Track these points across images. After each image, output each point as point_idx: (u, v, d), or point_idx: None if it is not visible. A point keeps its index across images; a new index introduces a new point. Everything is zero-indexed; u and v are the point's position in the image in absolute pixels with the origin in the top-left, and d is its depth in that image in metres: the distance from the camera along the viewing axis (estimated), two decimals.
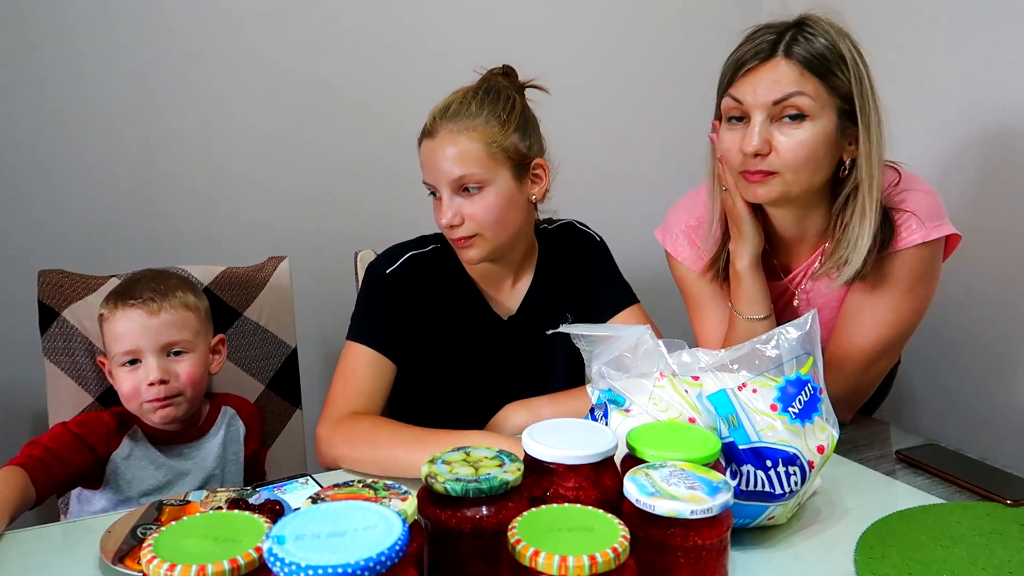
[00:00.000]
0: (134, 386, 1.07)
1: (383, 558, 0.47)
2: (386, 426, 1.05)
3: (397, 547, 0.48)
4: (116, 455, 1.07)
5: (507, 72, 1.20)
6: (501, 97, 1.14)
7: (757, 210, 1.13)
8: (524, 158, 1.15)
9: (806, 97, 1.02)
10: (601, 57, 1.92)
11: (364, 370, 1.13)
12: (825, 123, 1.03)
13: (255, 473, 1.20)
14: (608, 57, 1.93)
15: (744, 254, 1.14)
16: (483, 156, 1.10)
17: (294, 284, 1.38)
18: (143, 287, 1.10)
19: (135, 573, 0.75)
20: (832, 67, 1.03)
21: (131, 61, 1.49)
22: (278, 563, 0.46)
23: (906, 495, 0.94)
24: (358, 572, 0.46)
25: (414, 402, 1.20)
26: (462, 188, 1.11)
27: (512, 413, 1.14)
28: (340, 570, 0.45)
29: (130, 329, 1.07)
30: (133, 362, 1.08)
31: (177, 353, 1.10)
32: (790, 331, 0.86)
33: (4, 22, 1.39)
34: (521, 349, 1.24)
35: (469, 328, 1.22)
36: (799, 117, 1.03)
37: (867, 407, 1.28)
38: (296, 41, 1.61)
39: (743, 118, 1.06)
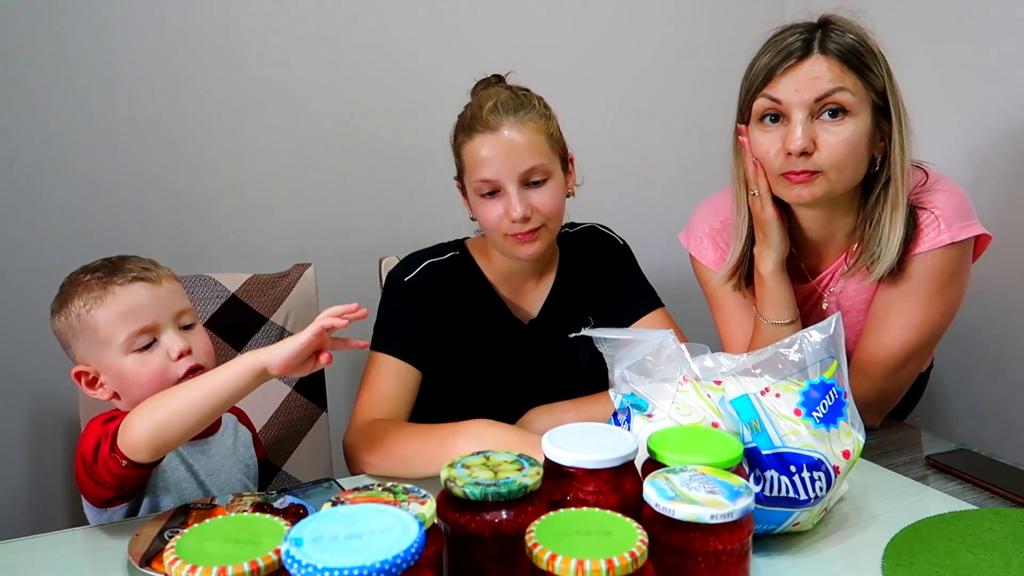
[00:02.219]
0: (158, 368, 0.95)
1: (399, 560, 0.47)
2: (399, 426, 1.06)
3: (413, 549, 0.48)
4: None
5: (499, 78, 1.21)
6: (534, 94, 1.16)
7: (784, 214, 1.12)
8: (565, 150, 1.18)
9: (848, 93, 1.02)
10: (622, 61, 1.92)
11: (388, 378, 1.14)
12: (864, 119, 1.03)
13: (267, 479, 1.20)
14: (629, 61, 1.93)
15: (769, 259, 1.13)
16: (546, 147, 1.12)
17: (319, 290, 1.39)
18: (129, 264, 0.99)
19: (161, 575, 0.76)
20: (867, 61, 1.03)
21: (158, 72, 1.52)
22: (295, 565, 0.47)
23: (936, 501, 0.93)
24: (373, 574, 0.46)
25: (438, 408, 1.21)
26: (529, 180, 1.11)
27: (536, 418, 1.14)
28: (356, 572, 0.46)
29: (140, 303, 0.95)
30: (147, 346, 0.96)
31: (187, 327, 1.00)
32: (813, 335, 0.85)
33: (36, 38, 1.43)
34: (542, 353, 1.24)
35: (489, 333, 1.22)
36: (840, 113, 1.02)
37: (899, 412, 1.26)
38: (321, 51, 1.63)
39: (779, 118, 1.05)
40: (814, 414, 0.81)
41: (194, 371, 0.97)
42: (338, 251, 1.66)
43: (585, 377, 1.23)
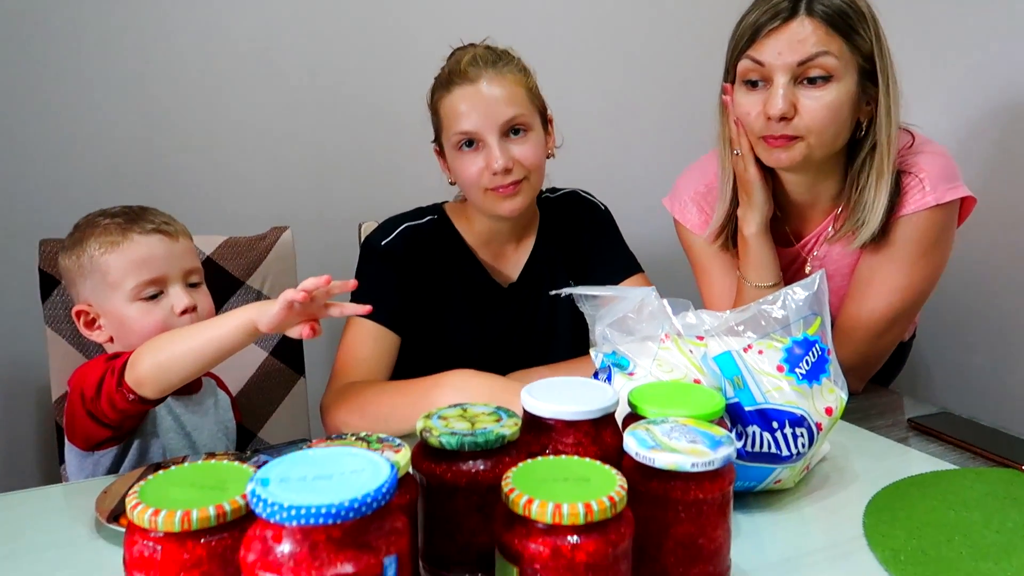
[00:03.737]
0: (160, 320, 0.98)
1: (369, 499, 0.45)
2: (377, 384, 1.06)
3: (384, 489, 0.46)
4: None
5: (475, 46, 1.17)
6: (512, 53, 1.15)
7: (768, 175, 1.11)
8: (544, 108, 1.16)
9: (831, 57, 1.00)
10: (605, 23, 1.89)
11: (366, 343, 1.12)
12: (848, 83, 1.02)
13: (243, 444, 1.19)
14: (612, 23, 1.89)
15: (752, 220, 1.12)
16: (526, 100, 1.11)
17: (297, 256, 1.37)
18: (150, 215, 1.02)
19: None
20: (854, 24, 1.01)
21: (133, 32, 1.47)
22: (260, 503, 0.45)
23: (918, 461, 0.92)
24: (342, 512, 0.44)
25: (416, 373, 1.19)
26: (509, 131, 1.09)
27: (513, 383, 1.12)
28: (324, 510, 0.44)
29: (155, 255, 0.98)
30: (153, 296, 0.99)
31: (193, 285, 1.03)
32: (797, 291, 0.84)
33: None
34: (522, 317, 1.22)
35: (468, 297, 1.20)
36: (824, 78, 1.00)
37: (880, 381, 1.26)
38: (301, 13, 1.59)
39: (762, 81, 1.03)
40: (797, 370, 0.80)
41: None
42: (316, 216, 1.63)
43: (565, 342, 1.22)
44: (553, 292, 0.94)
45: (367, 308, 0.92)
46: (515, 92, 1.09)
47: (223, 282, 1.26)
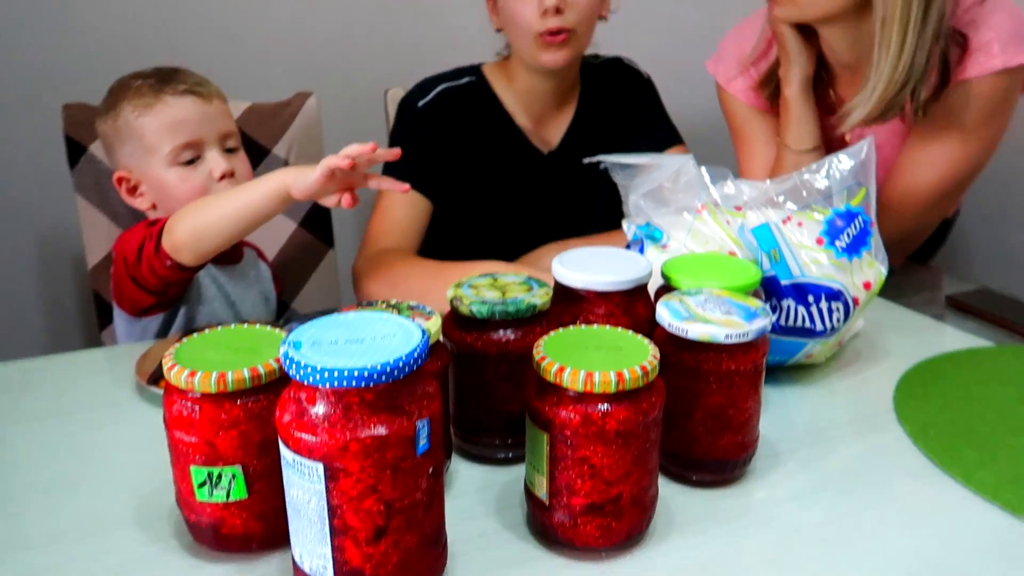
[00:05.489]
0: (199, 186, 0.96)
1: (401, 363, 0.45)
2: (410, 260, 1.05)
3: (416, 353, 0.46)
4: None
5: None
6: None
7: (810, 32, 1.04)
8: None
9: None
10: None
11: (399, 208, 1.11)
12: None
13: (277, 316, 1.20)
14: None
15: (793, 78, 1.06)
16: None
17: (323, 123, 1.34)
18: (182, 76, 1.00)
19: None
20: None
21: None
22: (294, 366, 0.45)
23: (954, 338, 0.91)
24: (375, 376, 0.44)
25: (449, 240, 1.19)
26: None
27: (546, 254, 1.11)
28: (357, 373, 0.44)
29: (189, 117, 0.96)
30: (191, 161, 0.97)
31: (231, 150, 1.01)
32: (842, 159, 0.80)
33: None
34: (560, 186, 1.20)
35: (506, 163, 1.18)
36: None
37: (920, 257, 1.22)
38: None
39: None
40: (837, 243, 0.78)
41: None
42: (341, 82, 1.58)
43: (601, 216, 1.20)
44: (587, 160, 0.91)
45: (404, 187, 0.89)
46: None
47: (248, 150, 1.22)
